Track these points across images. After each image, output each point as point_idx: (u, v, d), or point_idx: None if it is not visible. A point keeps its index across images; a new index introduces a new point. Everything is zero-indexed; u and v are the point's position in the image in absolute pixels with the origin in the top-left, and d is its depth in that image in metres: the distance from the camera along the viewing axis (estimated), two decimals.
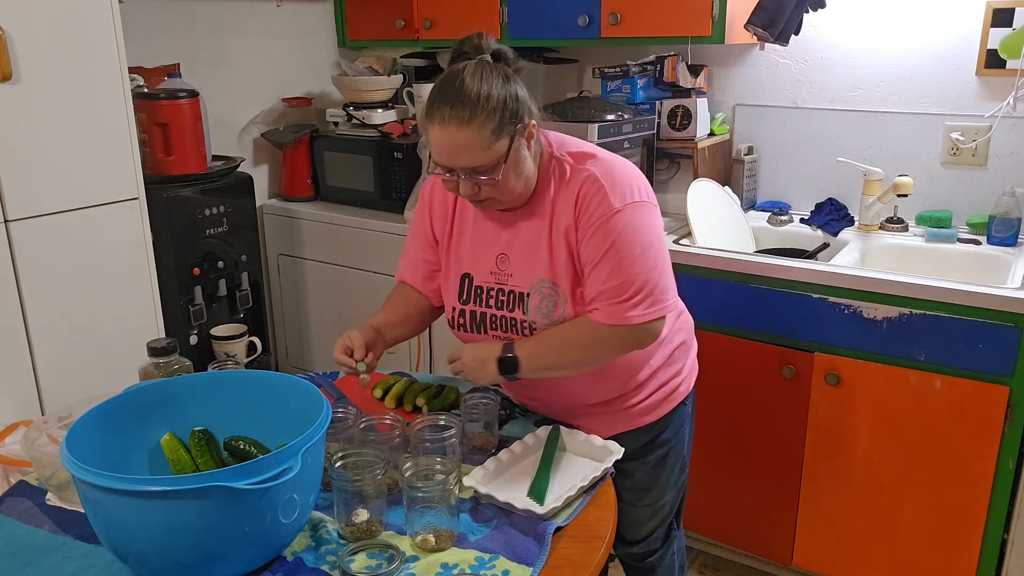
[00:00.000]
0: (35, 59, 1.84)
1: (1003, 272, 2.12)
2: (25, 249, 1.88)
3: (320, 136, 2.93)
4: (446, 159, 1.37)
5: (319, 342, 3.02)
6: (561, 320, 1.46)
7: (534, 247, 1.47)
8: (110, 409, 1.23)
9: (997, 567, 2.02)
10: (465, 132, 1.33)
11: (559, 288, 1.45)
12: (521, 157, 1.40)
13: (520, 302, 1.49)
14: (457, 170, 1.38)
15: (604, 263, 1.40)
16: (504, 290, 1.50)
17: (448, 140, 1.34)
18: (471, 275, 1.55)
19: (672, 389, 1.63)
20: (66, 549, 1.20)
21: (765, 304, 2.17)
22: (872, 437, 2.09)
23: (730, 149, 2.73)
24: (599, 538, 1.23)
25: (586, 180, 1.42)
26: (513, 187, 1.41)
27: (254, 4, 2.88)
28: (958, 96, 2.36)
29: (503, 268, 1.51)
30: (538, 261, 1.47)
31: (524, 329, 1.49)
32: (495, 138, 1.34)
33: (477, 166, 1.36)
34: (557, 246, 1.45)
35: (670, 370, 1.63)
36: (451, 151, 1.35)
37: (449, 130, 1.33)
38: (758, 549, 2.39)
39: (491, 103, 1.33)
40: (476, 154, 1.34)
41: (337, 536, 1.21)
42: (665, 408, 1.63)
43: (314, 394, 1.23)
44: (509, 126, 1.35)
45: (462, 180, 1.39)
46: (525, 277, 1.48)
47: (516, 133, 1.37)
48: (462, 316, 1.56)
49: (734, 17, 2.31)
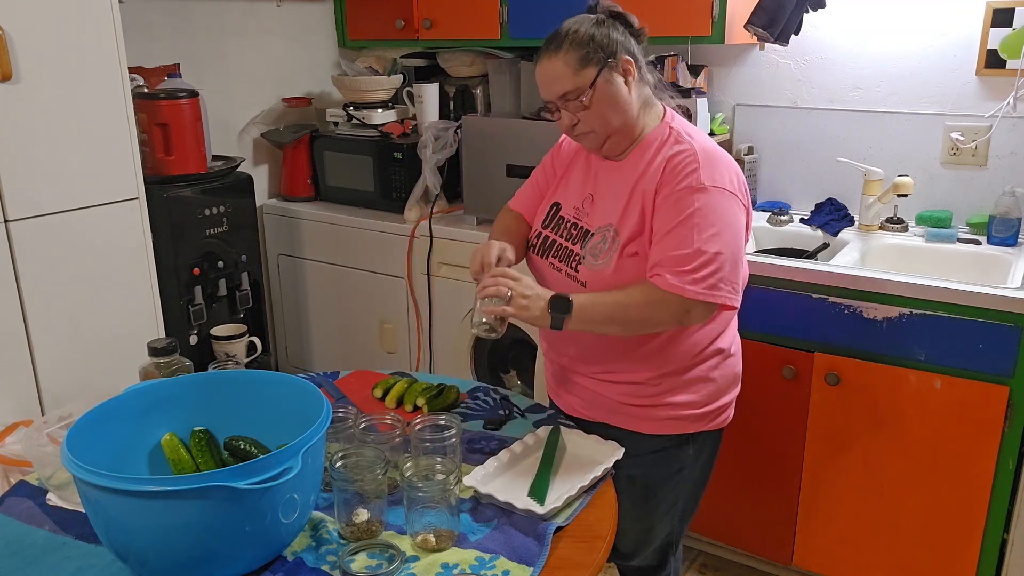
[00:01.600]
0: (35, 59, 1.84)
1: (1003, 272, 2.12)
2: (25, 249, 1.88)
3: (320, 136, 2.93)
4: (545, 92, 1.50)
5: (319, 342, 3.02)
6: (605, 264, 1.50)
7: (617, 195, 1.54)
8: (110, 409, 1.22)
9: (997, 567, 2.02)
10: (554, 61, 1.46)
11: (617, 237, 1.50)
12: (615, 88, 1.47)
13: (584, 238, 1.56)
14: (556, 102, 1.49)
15: (676, 231, 1.42)
16: (579, 225, 1.59)
17: (542, 72, 1.49)
18: (560, 204, 1.65)
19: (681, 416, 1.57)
20: (66, 549, 1.20)
21: (765, 304, 2.17)
22: (872, 437, 2.09)
23: (730, 149, 2.73)
24: (599, 538, 1.23)
25: (684, 152, 1.47)
26: (609, 118, 1.49)
27: (254, 4, 2.88)
28: (958, 96, 2.36)
29: (586, 207, 1.59)
30: (614, 207, 1.53)
31: (573, 261, 1.56)
32: (582, 65, 1.45)
33: (566, 92, 1.46)
34: (634, 201, 1.50)
35: (686, 396, 1.57)
36: (546, 82, 1.49)
37: (543, 63, 1.48)
38: (758, 549, 2.39)
39: (579, 36, 1.45)
40: (564, 80, 1.45)
41: (337, 536, 1.21)
42: (664, 428, 1.58)
43: (314, 394, 1.23)
44: (597, 55, 1.45)
45: (562, 111, 1.50)
46: (599, 218, 1.55)
47: (606, 65, 1.45)
48: (538, 238, 1.66)
49: (734, 17, 2.31)
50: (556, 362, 1.67)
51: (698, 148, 1.47)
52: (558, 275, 1.58)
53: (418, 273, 2.64)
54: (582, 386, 1.62)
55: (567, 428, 1.49)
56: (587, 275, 1.52)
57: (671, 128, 1.53)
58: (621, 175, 1.54)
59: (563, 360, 1.63)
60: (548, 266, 1.61)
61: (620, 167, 1.55)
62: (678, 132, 1.52)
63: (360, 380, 1.77)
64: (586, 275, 1.52)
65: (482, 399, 1.67)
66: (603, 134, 1.50)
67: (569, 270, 1.56)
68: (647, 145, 1.52)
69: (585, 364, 1.60)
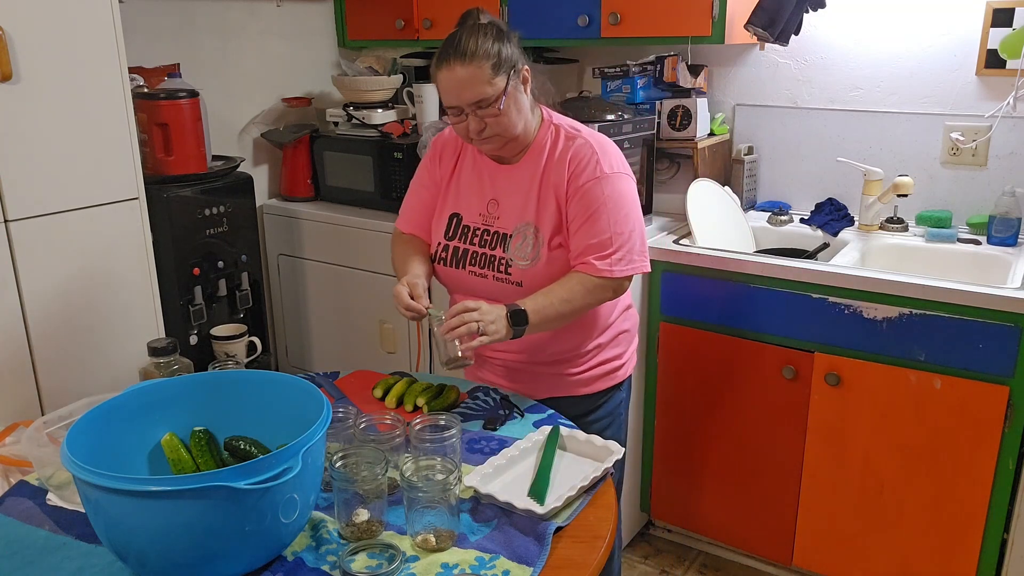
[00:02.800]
0: (35, 59, 1.84)
1: (1003, 272, 2.12)
2: (25, 249, 1.88)
3: (320, 136, 2.93)
4: (454, 98, 1.56)
5: (319, 342, 3.02)
6: (535, 260, 1.63)
7: (524, 195, 1.66)
8: (110, 409, 1.22)
9: (997, 567, 2.03)
10: (468, 69, 1.52)
11: (539, 233, 1.63)
12: (520, 95, 1.59)
13: (502, 242, 1.67)
14: (465, 108, 1.56)
15: (592, 221, 1.59)
16: (490, 230, 1.69)
17: (455, 79, 1.53)
18: (460, 215, 1.73)
19: (612, 369, 1.78)
20: (66, 549, 1.20)
21: (765, 304, 2.17)
22: (872, 437, 2.09)
23: (730, 149, 2.73)
24: (599, 538, 1.23)
25: (582, 146, 1.63)
26: (515, 122, 1.59)
27: (254, 4, 2.88)
28: (958, 96, 2.36)
29: (492, 212, 1.69)
30: (526, 207, 1.65)
31: (500, 266, 1.66)
32: (494, 74, 1.53)
33: (481, 99, 1.54)
34: (545, 197, 1.64)
35: (613, 351, 1.78)
36: (458, 88, 1.54)
37: (455, 70, 1.53)
38: (758, 549, 2.39)
39: (486, 47, 1.53)
40: (479, 87, 1.53)
41: (337, 536, 1.21)
42: (601, 384, 1.77)
43: (314, 394, 1.23)
44: (506, 66, 1.55)
45: (470, 118, 1.56)
46: (511, 220, 1.67)
47: (512, 74, 1.57)
48: (445, 251, 1.73)
49: (734, 17, 2.31)
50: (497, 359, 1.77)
51: (591, 139, 1.64)
52: (484, 281, 1.68)
53: None
54: (527, 372, 1.75)
55: (567, 428, 1.50)
56: (520, 275, 1.64)
57: (555, 126, 1.67)
58: (521, 176, 1.67)
59: (506, 356, 1.75)
60: (468, 275, 1.71)
61: (518, 169, 1.68)
62: (565, 128, 1.67)
63: (360, 380, 1.77)
64: (519, 275, 1.65)
65: (482, 399, 1.67)
66: (506, 138, 1.61)
67: (498, 274, 1.67)
68: (540, 145, 1.66)
69: (529, 355, 1.73)
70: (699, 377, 2.34)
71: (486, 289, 1.68)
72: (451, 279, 1.75)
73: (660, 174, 2.72)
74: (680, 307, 2.33)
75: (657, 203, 2.65)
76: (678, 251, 2.28)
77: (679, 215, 2.57)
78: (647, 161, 2.50)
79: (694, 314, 2.30)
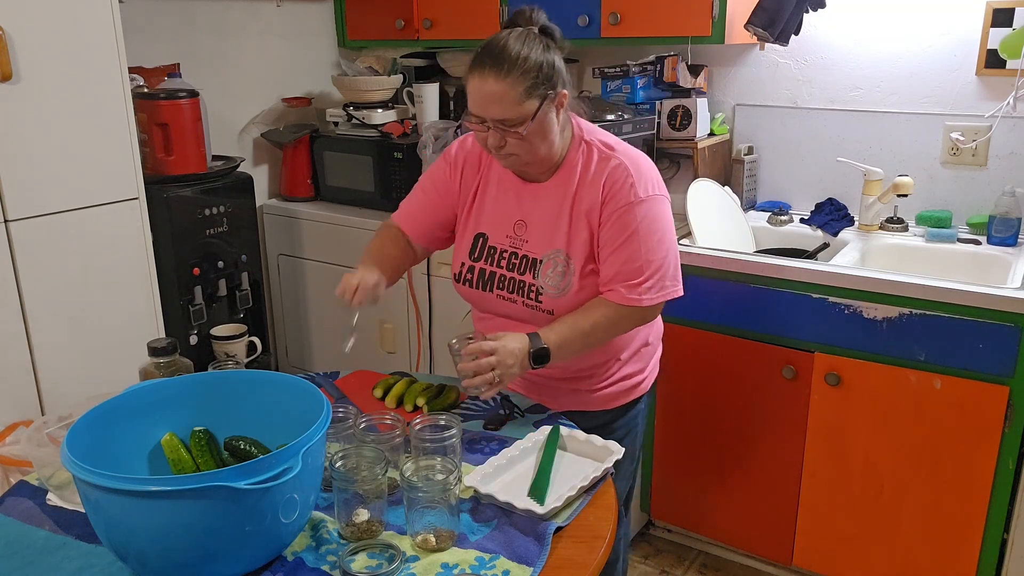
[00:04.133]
0: (35, 59, 1.84)
1: (1003, 272, 2.12)
2: (25, 249, 1.88)
3: (320, 136, 2.93)
4: (479, 108, 1.48)
5: (319, 342, 3.02)
6: (566, 289, 1.56)
7: (555, 218, 1.58)
8: (110, 409, 1.22)
9: (997, 567, 2.02)
10: (500, 84, 1.44)
11: (571, 261, 1.56)
12: (549, 122, 1.50)
13: (532, 267, 1.59)
14: (488, 120, 1.48)
15: (624, 247, 1.52)
16: (518, 254, 1.61)
17: (484, 90, 1.45)
18: (486, 235, 1.65)
19: (633, 384, 1.73)
20: (66, 549, 1.20)
21: (765, 304, 2.17)
22: (872, 437, 2.09)
23: (730, 149, 2.73)
24: (599, 538, 1.23)
25: (616, 168, 1.54)
26: (537, 148, 1.51)
27: (254, 4, 2.88)
28: (958, 96, 2.36)
29: (520, 234, 1.61)
30: (557, 232, 1.57)
31: (531, 293, 1.59)
32: (526, 96, 1.45)
33: (506, 119, 1.46)
34: (577, 222, 1.56)
35: (635, 366, 1.72)
36: (485, 101, 1.46)
37: (487, 81, 1.44)
38: (758, 549, 2.39)
39: (528, 63, 1.44)
40: (507, 107, 1.45)
41: (337, 536, 1.21)
42: (622, 400, 1.72)
43: (314, 394, 1.23)
44: (541, 88, 1.46)
45: (491, 130, 1.49)
46: (541, 245, 1.59)
47: (547, 98, 1.47)
48: (470, 272, 1.66)
49: (734, 17, 2.30)
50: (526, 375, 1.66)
51: (626, 160, 1.55)
52: (514, 306, 1.62)
53: (418, 273, 2.64)
54: (547, 387, 1.70)
55: (567, 428, 1.49)
56: (551, 304, 1.58)
57: (587, 143, 1.58)
58: (551, 198, 1.59)
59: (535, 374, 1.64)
60: (495, 298, 1.64)
61: (547, 190, 1.59)
62: (597, 146, 1.58)
63: (360, 380, 1.76)
64: (550, 304, 1.58)
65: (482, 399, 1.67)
66: (526, 160, 1.54)
67: (528, 301, 1.60)
68: (571, 164, 1.58)
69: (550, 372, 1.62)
70: (699, 377, 2.33)
71: (516, 313, 1.62)
72: (477, 301, 1.69)
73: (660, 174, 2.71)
74: (680, 307, 2.30)
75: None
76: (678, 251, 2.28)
77: (679, 215, 2.55)
78: None
79: (694, 314, 2.30)
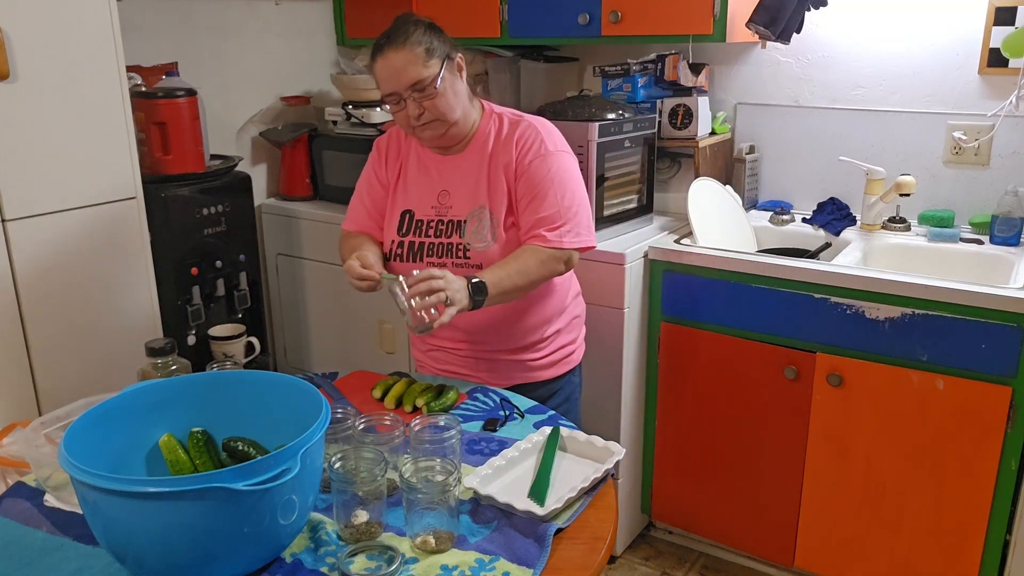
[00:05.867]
0: (33, 58, 1.83)
1: (1006, 272, 2.12)
2: (23, 249, 1.88)
3: (319, 135, 2.92)
4: (392, 84, 1.63)
5: (318, 342, 3.01)
6: (492, 241, 1.70)
7: (474, 180, 1.73)
8: (108, 409, 1.22)
9: (1000, 569, 2.02)
10: (400, 53, 1.61)
11: (493, 215, 1.70)
12: (456, 81, 1.68)
13: (457, 228, 1.73)
14: (402, 93, 1.62)
15: (540, 198, 1.67)
16: (444, 220, 1.75)
17: (390, 66, 1.62)
18: (412, 211, 1.78)
19: (567, 353, 1.89)
20: (64, 550, 1.19)
21: (767, 304, 2.16)
22: (874, 438, 2.08)
23: (731, 148, 2.72)
24: (600, 539, 1.22)
25: (526, 127, 1.72)
26: (453, 105, 1.66)
27: (253, 3, 2.87)
28: (960, 95, 2.35)
29: (444, 202, 1.75)
30: (477, 191, 1.72)
31: (458, 252, 1.72)
32: (427, 57, 1.62)
33: (417, 81, 1.61)
34: (495, 179, 1.71)
35: (568, 336, 1.89)
36: (392, 73, 1.62)
37: (388, 57, 1.62)
38: (759, 550, 2.39)
39: (417, 34, 1.62)
40: (414, 69, 1.60)
41: (336, 537, 1.21)
42: (559, 369, 1.87)
43: (313, 394, 1.22)
44: (438, 52, 1.63)
45: (409, 103, 1.63)
46: (463, 206, 1.73)
47: (446, 59, 1.65)
48: (400, 247, 1.78)
49: (735, 15, 2.30)
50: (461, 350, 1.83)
51: (534, 122, 1.73)
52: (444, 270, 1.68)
53: None
54: (489, 360, 1.82)
55: (567, 429, 1.49)
56: (479, 257, 1.71)
57: (497, 114, 1.77)
58: (468, 164, 1.74)
59: (468, 347, 1.81)
60: (426, 267, 1.71)
61: (464, 158, 1.75)
62: (508, 115, 1.76)
63: (359, 380, 1.76)
64: (478, 258, 1.71)
65: (481, 400, 1.66)
66: (446, 123, 1.67)
67: (457, 260, 1.72)
68: (483, 134, 1.75)
69: (490, 345, 1.80)
70: (700, 377, 2.33)
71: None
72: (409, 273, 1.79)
73: (661, 173, 2.71)
74: (681, 307, 2.32)
75: (658, 202, 2.64)
76: (679, 251, 2.28)
77: (680, 214, 2.57)
78: (648, 160, 2.49)
79: (695, 314, 2.29)
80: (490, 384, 1.75)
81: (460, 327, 1.77)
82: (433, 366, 1.90)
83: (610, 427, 2.35)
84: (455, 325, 1.67)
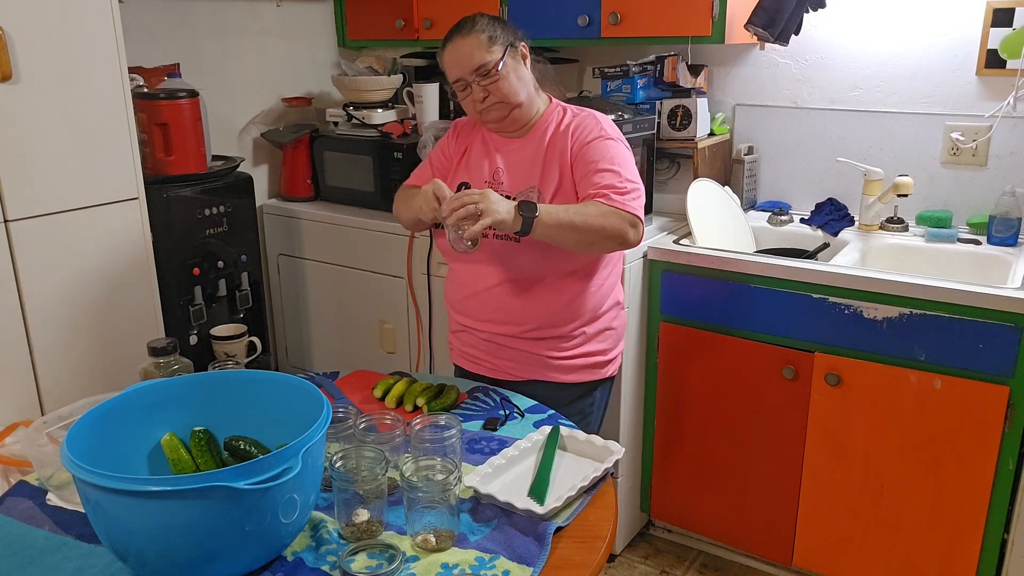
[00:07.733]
0: (35, 59, 1.84)
1: (1003, 272, 2.12)
2: (25, 249, 1.88)
3: (320, 136, 2.93)
4: (459, 70, 1.71)
5: (319, 342, 3.02)
6: None
7: (530, 162, 1.78)
8: (110, 409, 1.22)
9: (997, 568, 2.02)
10: (467, 39, 1.69)
11: (541, 195, 1.73)
12: (519, 66, 1.75)
13: None
14: (468, 78, 1.70)
15: (602, 170, 1.69)
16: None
17: (455, 51, 1.71)
18: (468, 184, 1.84)
19: (592, 363, 1.85)
20: (66, 549, 1.20)
21: (765, 304, 2.17)
22: (872, 437, 2.09)
23: (730, 149, 2.73)
24: (600, 538, 1.23)
25: (586, 116, 1.78)
26: (516, 89, 1.73)
27: (254, 4, 2.88)
28: (958, 96, 2.36)
29: (497, 178, 1.81)
30: (531, 172, 1.76)
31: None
32: (491, 43, 1.69)
33: (481, 65, 1.69)
34: (549, 164, 1.75)
35: (598, 345, 1.85)
36: (458, 59, 1.70)
37: (457, 44, 1.70)
38: (758, 549, 2.39)
39: (483, 24, 1.71)
40: (478, 54, 1.68)
41: (337, 536, 1.21)
42: (583, 376, 1.84)
43: (314, 394, 1.23)
44: (502, 39, 1.71)
45: (474, 87, 1.71)
46: (516, 184, 1.78)
47: (510, 46, 1.72)
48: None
49: (734, 17, 2.30)
50: (484, 332, 1.83)
51: (593, 112, 1.79)
52: (484, 240, 1.74)
53: (418, 273, 2.63)
54: (511, 348, 1.81)
55: (567, 428, 1.50)
56: None
57: (562, 107, 1.82)
58: (527, 149, 1.79)
59: (493, 328, 1.81)
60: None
61: (524, 143, 1.80)
62: (571, 108, 1.81)
63: (360, 380, 1.77)
64: None
65: (482, 399, 1.67)
66: (509, 106, 1.73)
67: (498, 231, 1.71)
68: (545, 121, 1.80)
69: (515, 327, 1.79)
70: (699, 377, 2.33)
71: (487, 245, 1.75)
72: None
73: (660, 174, 2.72)
74: (680, 307, 2.32)
75: (657, 203, 2.65)
76: (678, 251, 2.28)
77: (679, 215, 2.57)
78: (647, 161, 2.50)
79: (694, 314, 2.30)
80: (510, 374, 1.78)
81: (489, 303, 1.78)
82: (459, 347, 1.93)
83: (610, 426, 2.35)
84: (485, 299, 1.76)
